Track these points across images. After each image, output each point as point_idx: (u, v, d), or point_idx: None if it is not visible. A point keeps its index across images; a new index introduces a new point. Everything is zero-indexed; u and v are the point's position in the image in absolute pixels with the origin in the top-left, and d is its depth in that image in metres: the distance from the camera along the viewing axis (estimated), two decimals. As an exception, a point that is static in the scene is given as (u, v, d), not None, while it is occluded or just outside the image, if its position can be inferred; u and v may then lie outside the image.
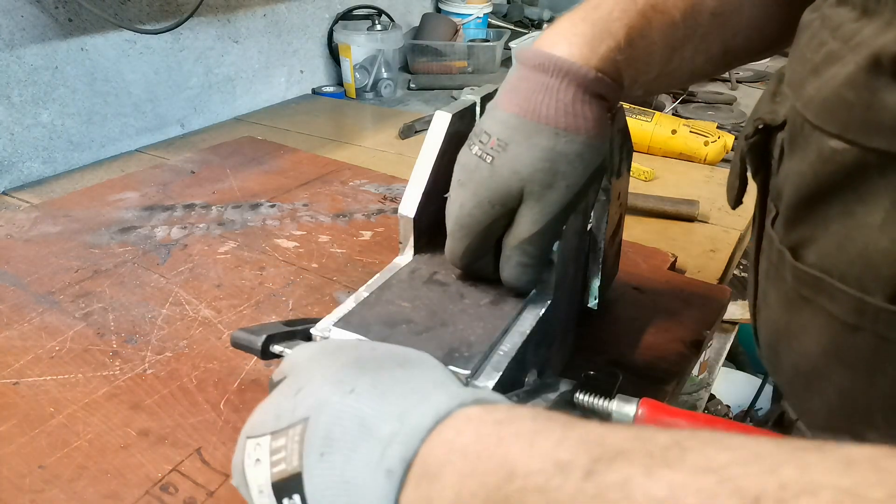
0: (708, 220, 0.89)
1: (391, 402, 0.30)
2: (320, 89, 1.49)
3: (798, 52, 0.40)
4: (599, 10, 0.43)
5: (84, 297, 0.68)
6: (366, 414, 0.30)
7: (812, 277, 0.38)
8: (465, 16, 1.74)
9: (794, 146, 0.39)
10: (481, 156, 0.43)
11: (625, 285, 0.69)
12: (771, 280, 0.43)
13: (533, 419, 0.27)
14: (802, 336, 0.40)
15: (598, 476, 0.23)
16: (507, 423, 0.27)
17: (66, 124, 1.07)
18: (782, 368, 0.44)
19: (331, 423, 0.30)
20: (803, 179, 0.38)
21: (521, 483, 0.24)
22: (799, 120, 0.38)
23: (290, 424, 0.31)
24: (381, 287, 0.46)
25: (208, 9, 1.22)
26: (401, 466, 0.27)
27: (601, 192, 0.55)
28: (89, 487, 0.46)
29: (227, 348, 0.59)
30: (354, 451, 0.29)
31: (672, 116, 1.14)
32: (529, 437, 0.26)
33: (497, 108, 0.44)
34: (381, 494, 0.27)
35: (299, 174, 0.99)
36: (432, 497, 0.26)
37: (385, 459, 0.28)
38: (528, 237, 0.43)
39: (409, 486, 0.27)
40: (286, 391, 0.33)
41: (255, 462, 0.32)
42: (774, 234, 0.42)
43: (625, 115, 0.56)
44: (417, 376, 0.32)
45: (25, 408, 0.53)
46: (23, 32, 0.98)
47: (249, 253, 0.77)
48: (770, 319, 0.44)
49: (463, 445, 0.27)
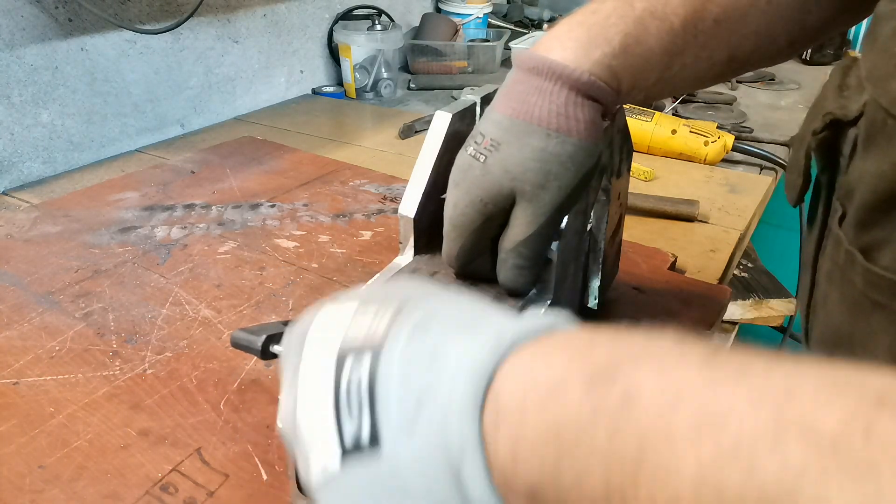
0: (708, 220, 0.89)
1: (493, 311, 0.28)
2: (320, 89, 1.49)
3: (879, 44, 0.38)
4: (596, 16, 0.43)
5: (84, 297, 0.68)
6: (470, 308, 0.28)
7: (887, 281, 0.37)
8: (465, 16, 1.74)
9: (872, 143, 0.38)
10: (475, 155, 0.43)
11: (625, 285, 0.69)
12: (835, 282, 0.42)
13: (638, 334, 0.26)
14: (869, 342, 0.39)
15: (717, 358, 0.22)
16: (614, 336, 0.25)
17: (66, 124, 1.07)
18: None
19: (435, 308, 0.27)
20: (883, 179, 0.36)
21: (633, 354, 0.23)
22: (881, 115, 0.37)
23: (384, 300, 0.28)
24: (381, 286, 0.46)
25: (208, 9, 1.22)
26: (507, 346, 0.25)
27: (601, 192, 0.55)
28: (89, 487, 0.46)
29: (227, 348, 0.59)
30: (452, 336, 0.26)
31: (672, 116, 1.14)
32: (643, 340, 0.24)
33: (493, 110, 0.44)
34: (479, 358, 0.25)
35: (299, 174, 0.99)
36: (535, 371, 0.24)
37: (500, 339, 0.25)
38: (523, 239, 0.43)
39: (506, 364, 0.25)
40: (371, 290, 0.30)
41: (329, 318, 0.28)
42: (843, 234, 0.40)
43: (625, 115, 0.56)
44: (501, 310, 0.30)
45: (25, 408, 0.53)
46: (23, 32, 0.98)
47: (249, 253, 0.77)
48: (830, 323, 0.43)
49: (577, 342, 0.25)
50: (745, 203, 0.94)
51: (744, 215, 0.91)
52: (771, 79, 1.57)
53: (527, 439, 0.23)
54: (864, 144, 0.39)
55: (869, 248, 0.38)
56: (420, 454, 0.24)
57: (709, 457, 0.19)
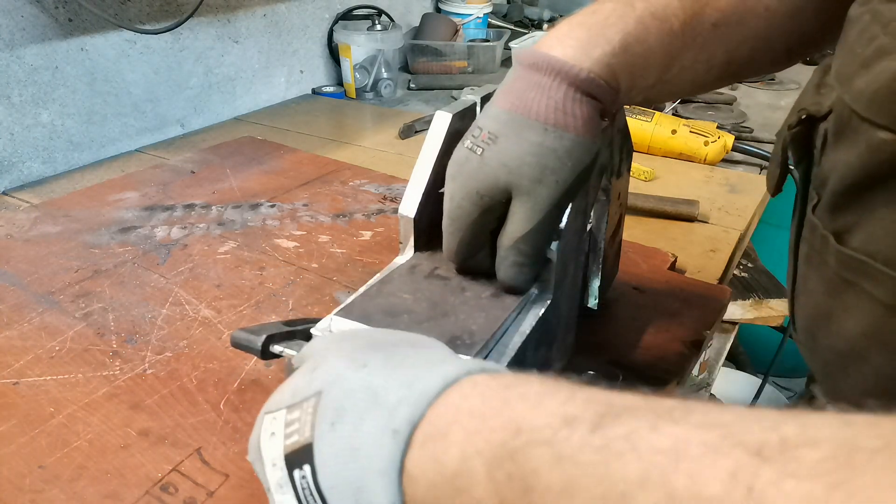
0: (708, 220, 0.89)
1: (401, 374, 0.30)
2: (320, 89, 1.49)
3: (847, 46, 0.41)
4: (596, 16, 0.44)
5: (84, 297, 0.68)
6: (376, 385, 0.30)
7: (856, 261, 0.39)
8: (465, 16, 1.74)
9: (840, 137, 0.41)
10: (472, 148, 0.44)
11: (625, 285, 0.69)
12: (812, 265, 0.45)
13: (540, 383, 0.28)
14: (843, 318, 0.42)
15: (605, 429, 0.23)
16: (514, 387, 0.28)
17: (66, 124, 1.07)
18: (819, 351, 0.46)
19: (342, 395, 0.30)
20: (850, 169, 0.39)
21: (527, 437, 0.25)
22: (847, 112, 0.39)
23: (304, 398, 0.31)
24: (381, 280, 0.46)
25: (208, 9, 1.22)
26: (407, 427, 0.28)
27: (601, 192, 0.55)
28: (89, 487, 0.46)
29: (227, 348, 0.59)
30: (363, 419, 0.29)
31: (672, 116, 1.14)
32: (536, 398, 0.27)
33: (492, 105, 0.45)
34: (386, 456, 0.27)
35: (299, 174, 0.99)
36: (438, 456, 0.27)
37: (392, 421, 0.28)
38: (522, 236, 0.43)
39: (414, 447, 0.28)
40: (303, 370, 0.34)
41: (270, 436, 0.32)
42: (818, 220, 0.43)
43: (625, 115, 0.56)
44: (428, 354, 0.33)
45: (25, 408, 0.53)
46: (23, 32, 0.98)
47: (249, 253, 0.77)
48: (809, 304, 0.46)
49: (470, 407, 0.28)
50: (745, 203, 0.94)
51: (744, 215, 0.91)
52: (771, 79, 1.57)
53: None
54: (833, 138, 0.42)
55: (841, 232, 0.41)
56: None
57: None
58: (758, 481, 0.19)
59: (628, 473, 0.22)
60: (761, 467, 0.20)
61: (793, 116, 0.47)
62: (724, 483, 0.20)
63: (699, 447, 0.21)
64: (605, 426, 0.24)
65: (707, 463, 0.21)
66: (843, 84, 0.40)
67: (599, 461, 0.23)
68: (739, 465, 0.20)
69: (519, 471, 0.24)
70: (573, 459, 0.23)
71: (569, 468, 0.23)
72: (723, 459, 0.20)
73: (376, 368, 0.31)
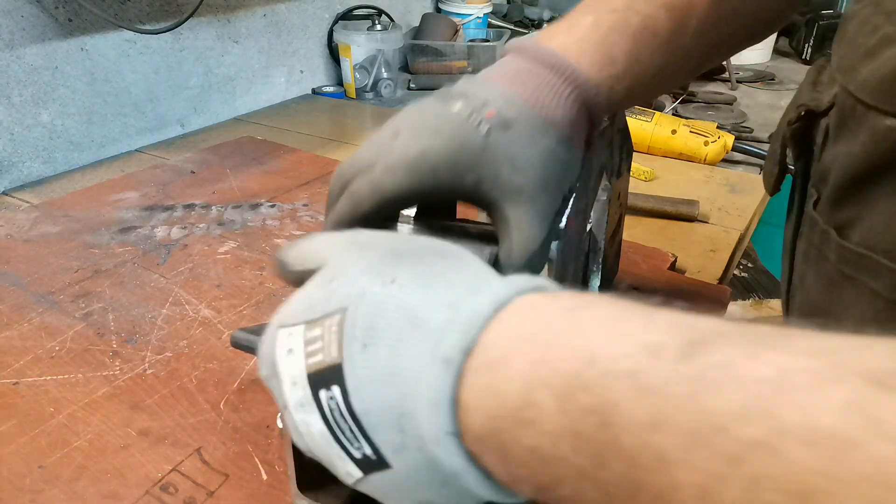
0: (708, 220, 0.89)
1: (439, 293, 0.27)
2: (320, 89, 1.49)
3: (846, 39, 0.42)
4: (599, 31, 0.42)
5: (84, 297, 0.68)
6: (411, 304, 0.27)
7: (857, 255, 0.39)
8: (465, 16, 1.74)
9: (843, 129, 0.41)
10: (473, 121, 0.39)
11: (625, 285, 0.69)
12: (811, 262, 0.45)
13: (609, 305, 0.25)
14: (843, 314, 0.41)
15: (695, 358, 0.21)
16: (579, 310, 0.25)
17: (66, 124, 1.07)
18: None
19: (373, 313, 0.27)
20: (853, 160, 0.39)
21: (604, 367, 0.22)
22: (850, 102, 0.40)
23: (325, 314, 0.28)
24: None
25: (208, 9, 1.22)
26: (460, 356, 0.25)
27: (601, 191, 0.55)
28: (89, 487, 0.46)
29: (227, 348, 0.59)
30: (402, 341, 0.26)
31: (672, 116, 1.14)
32: (609, 323, 0.24)
33: (497, 84, 0.41)
34: (436, 385, 0.25)
35: (299, 174, 0.99)
36: (497, 387, 0.24)
37: (440, 348, 0.25)
38: (538, 248, 0.40)
39: (468, 376, 0.25)
40: (318, 281, 0.31)
41: (287, 352, 0.29)
42: (818, 215, 0.43)
43: (625, 115, 0.56)
44: (460, 267, 0.29)
45: (25, 408, 0.53)
46: (23, 32, 0.98)
47: (249, 253, 0.77)
48: (807, 301, 0.46)
49: (530, 333, 0.24)
50: (745, 203, 0.94)
51: (744, 215, 0.91)
52: (771, 79, 1.57)
53: (511, 464, 0.24)
54: (835, 131, 0.42)
55: (842, 226, 0.41)
56: (418, 473, 0.27)
57: (703, 475, 0.19)
58: (882, 412, 0.17)
59: (726, 406, 0.19)
60: (884, 397, 0.17)
61: (791, 113, 0.47)
62: (842, 414, 0.17)
63: (808, 375, 0.18)
64: (696, 354, 0.21)
65: (819, 392, 0.18)
66: (846, 75, 0.40)
67: (691, 393, 0.20)
68: (858, 395, 0.17)
69: (596, 403, 0.21)
70: (661, 391, 0.21)
71: (655, 401, 0.20)
72: (837, 388, 0.18)
73: (406, 283, 0.28)
